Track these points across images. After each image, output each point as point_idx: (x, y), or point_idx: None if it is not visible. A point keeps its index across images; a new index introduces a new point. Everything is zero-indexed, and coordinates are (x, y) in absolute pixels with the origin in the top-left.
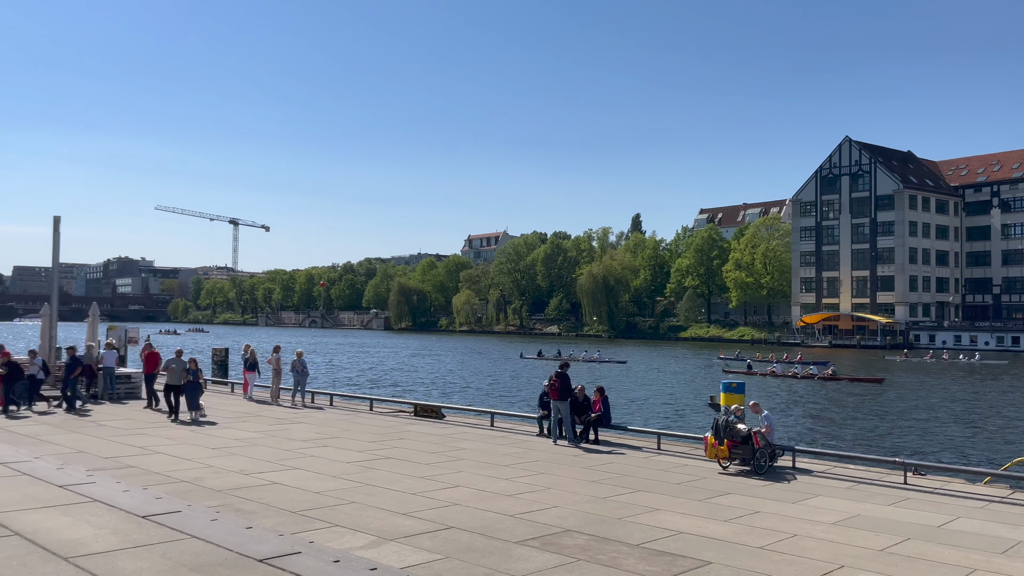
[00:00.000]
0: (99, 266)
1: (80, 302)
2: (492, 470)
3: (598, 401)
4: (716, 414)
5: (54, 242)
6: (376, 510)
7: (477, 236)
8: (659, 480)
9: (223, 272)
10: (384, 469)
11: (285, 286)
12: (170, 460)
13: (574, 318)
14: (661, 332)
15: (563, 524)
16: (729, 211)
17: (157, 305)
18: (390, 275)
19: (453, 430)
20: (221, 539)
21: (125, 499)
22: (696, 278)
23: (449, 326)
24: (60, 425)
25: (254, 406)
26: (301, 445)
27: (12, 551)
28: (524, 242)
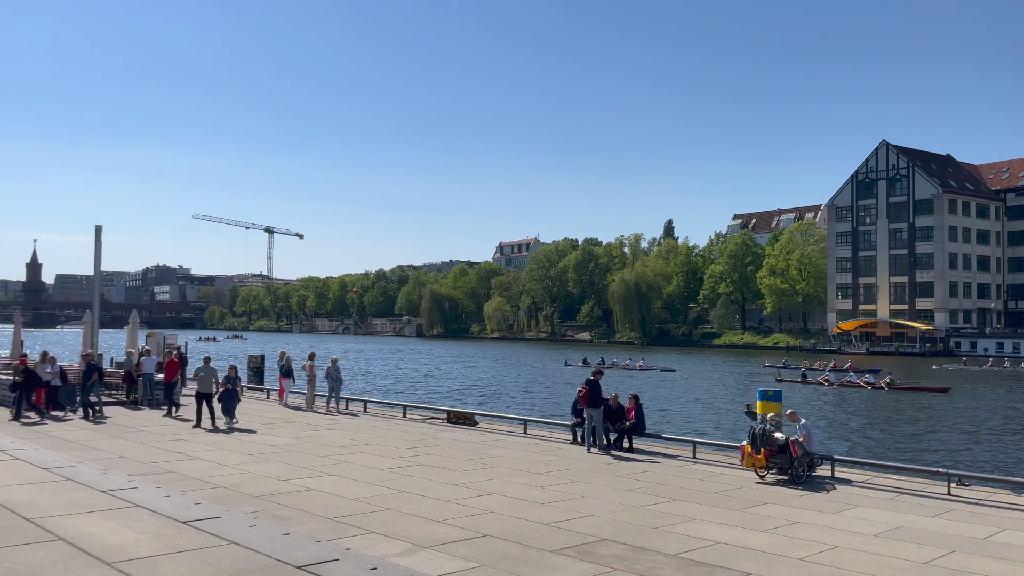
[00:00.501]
0: (138, 274)
1: (120, 309)
2: (526, 478)
3: (632, 409)
4: (752, 422)
5: (96, 251)
6: (411, 517)
7: (508, 243)
8: (695, 489)
9: (258, 280)
10: (418, 476)
11: (319, 293)
12: (208, 466)
13: (606, 325)
14: (694, 339)
15: (599, 533)
16: (763, 216)
17: (194, 312)
18: (422, 282)
19: (486, 437)
20: (260, 545)
21: (165, 504)
22: (730, 284)
23: (481, 333)
24: (102, 431)
25: (290, 412)
26: (336, 451)
27: (57, 556)
28: (555, 249)
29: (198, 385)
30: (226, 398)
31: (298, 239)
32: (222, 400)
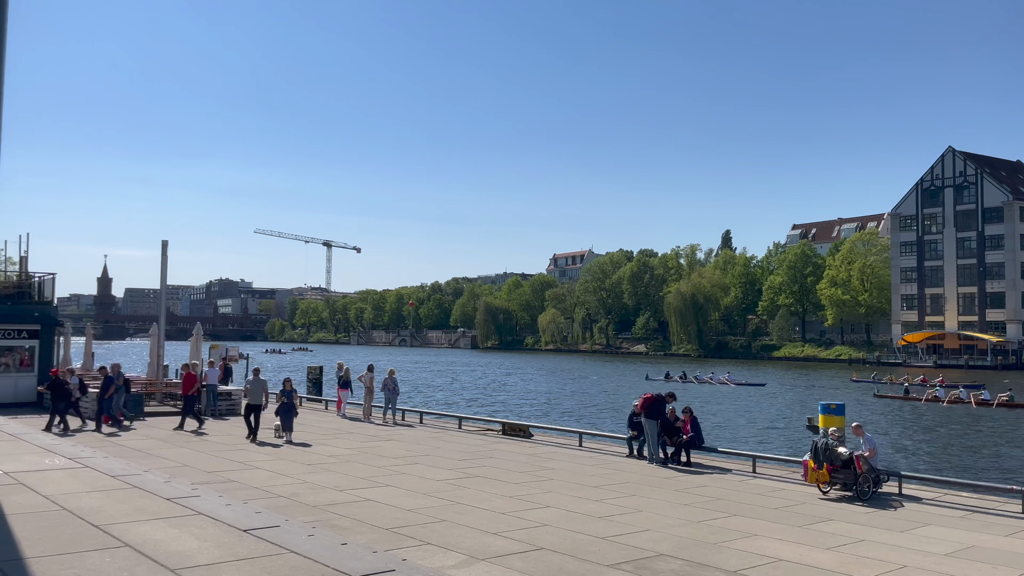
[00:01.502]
0: (202, 287)
1: (184, 322)
2: (582, 491)
3: (687, 422)
4: (815, 436)
5: (162, 265)
6: (467, 529)
7: (562, 255)
8: (755, 504)
9: (317, 292)
10: (474, 488)
11: (376, 306)
12: (268, 475)
13: (662, 337)
14: (753, 351)
15: (656, 548)
16: (823, 226)
17: (255, 325)
18: (476, 294)
19: (541, 449)
20: (318, 555)
21: (227, 513)
22: (789, 296)
23: (535, 345)
24: (167, 440)
25: (347, 423)
26: (393, 462)
27: (123, 562)
28: (610, 260)
29: (248, 398)
30: (283, 412)
31: (356, 252)
32: (279, 414)
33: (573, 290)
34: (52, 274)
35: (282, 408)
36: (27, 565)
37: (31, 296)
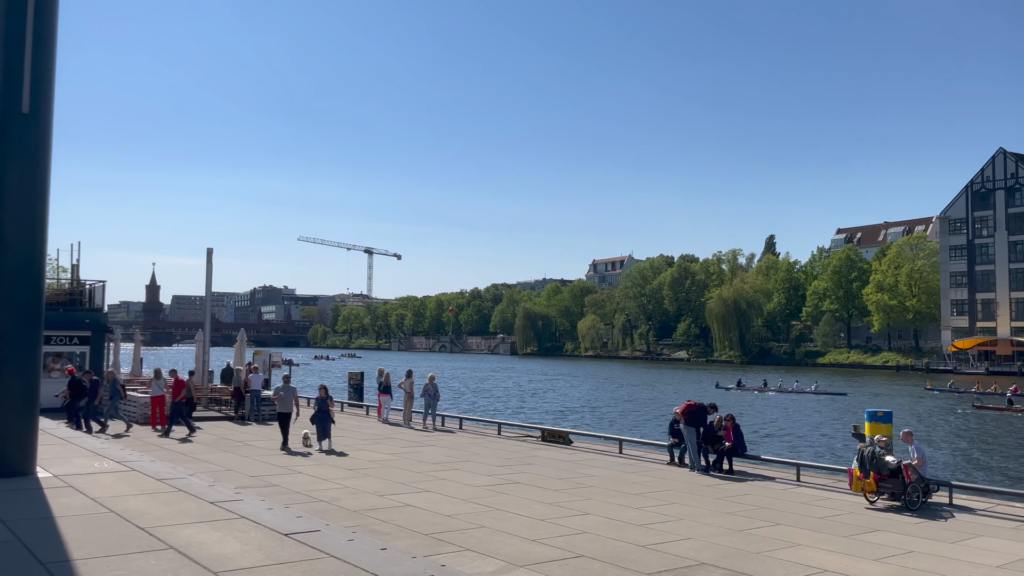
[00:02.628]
0: (246, 294)
1: (229, 328)
2: (622, 498)
3: (729, 429)
4: (861, 444)
5: (207, 273)
6: (506, 535)
7: (602, 260)
8: (800, 513)
9: (358, 299)
10: (513, 494)
11: (416, 312)
12: (309, 480)
13: (703, 343)
14: (797, 358)
15: (698, 557)
16: (869, 230)
17: (298, 331)
18: (516, 300)
19: (581, 456)
20: (357, 560)
21: (269, 517)
22: (834, 301)
23: (575, 351)
24: (212, 444)
25: (388, 428)
26: (432, 468)
27: (167, 564)
28: (650, 266)
29: (278, 405)
30: (318, 420)
31: (396, 259)
32: (315, 422)
33: (613, 296)
34: (102, 281)
35: (317, 416)
36: (74, 566)
37: (82, 303)
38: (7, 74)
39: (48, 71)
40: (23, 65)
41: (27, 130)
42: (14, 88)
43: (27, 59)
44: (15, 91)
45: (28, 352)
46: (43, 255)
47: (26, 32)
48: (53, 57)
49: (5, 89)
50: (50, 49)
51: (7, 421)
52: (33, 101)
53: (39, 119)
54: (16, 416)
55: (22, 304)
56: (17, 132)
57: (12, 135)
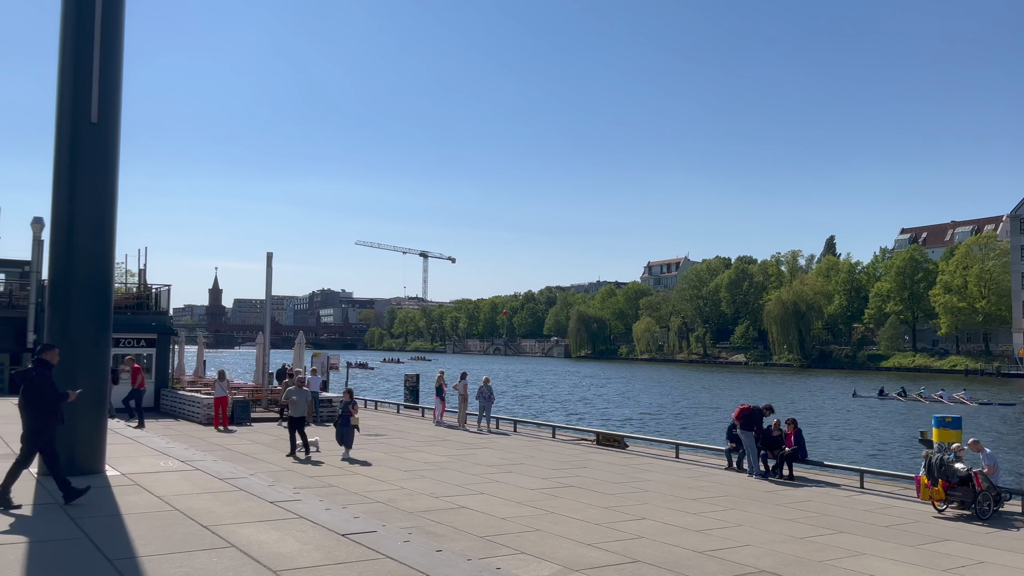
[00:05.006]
0: (305, 298)
1: (289, 331)
2: (678, 503)
3: (791, 434)
4: (929, 451)
5: (267, 277)
6: (561, 539)
7: (657, 263)
8: (864, 521)
9: (414, 302)
10: (567, 497)
11: (470, 315)
12: (367, 481)
13: (762, 346)
14: (859, 361)
15: (757, 564)
16: (935, 230)
17: (355, 334)
18: (570, 303)
19: (636, 460)
20: (413, 561)
21: (327, 517)
22: (899, 303)
23: (629, 354)
24: (271, 445)
25: (443, 430)
26: (487, 470)
27: (229, 561)
28: (707, 267)
29: (290, 409)
30: (340, 426)
31: (451, 263)
32: (337, 428)
33: (669, 298)
34: (168, 286)
35: (340, 422)
36: (140, 563)
37: (149, 307)
38: (76, 86)
39: (115, 82)
40: (92, 77)
41: (96, 139)
42: (83, 99)
43: (95, 71)
44: (84, 102)
45: (98, 354)
46: (112, 261)
47: (94, 46)
48: (120, 69)
49: (75, 100)
50: (117, 61)
51: (78, 422)
52: (102, 111)
53: (108, 128)
54: (87, 417)
55: (92, 308)
56: (87, 141)
57: (82, 144)
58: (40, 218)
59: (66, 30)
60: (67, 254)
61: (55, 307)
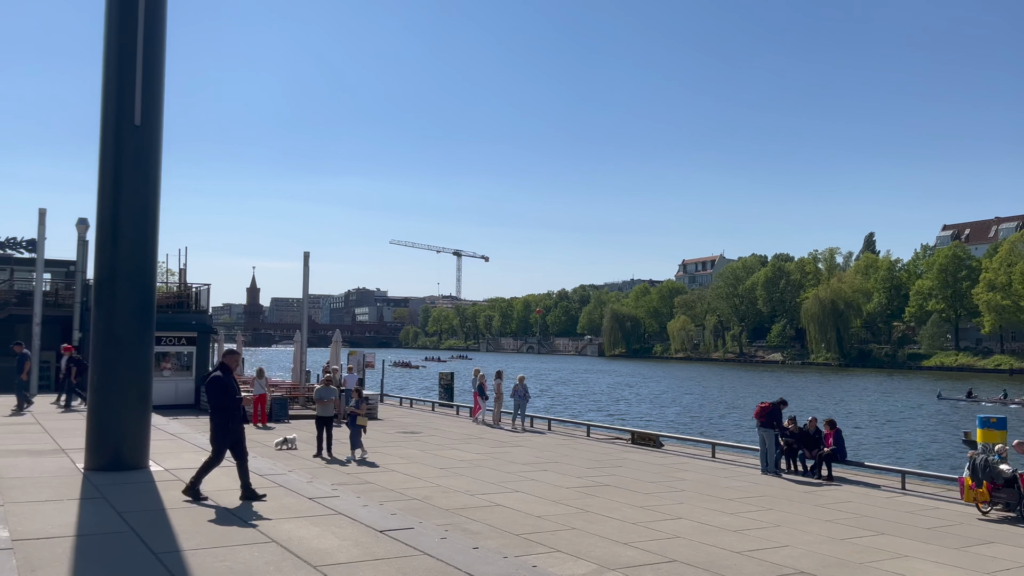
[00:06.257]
0: (341, 297)
1: (325, 329)
2: (715, 503)
3: (830, 435)
4: (975, 452)
5: (304, 276)
6: (596, 538)
7: (692, 260)
8: (905, 523)
9: (448, 301)
10: (603, 496)
11: (504, 313)
12: (403, 478)
13: (799, 345)
14: (899, 360)
15: (796, 565)
16: (978, 226)
17: (390, 332)
18: (603, 301)
19: (672, 459)
20: (450, 558)
21: (364, 513)
22: (941, 301)
23: (664, 353)
24: (308, 442)
25: (478, 428)
26: (522, 468)
27: (270, 556)
28: (743, 265)
29: (318, 409)
30: (349, 425)
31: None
32: (350, 428)
33: (704, 296)
34: (207, 285)
35: (348, 421)
36: (184, 557)
37: (189, 305)
38: (120, 90)
39: (158, 86)
40: (135, 81)
41: (139, 141)
42: (127, 102)
43: (138, 75)
44: (128, 105)
45: (142, 352)
46: (155, 261)
47: (137, 51)
48: (162, 72)
49: (119, 104)
50: (159, 65)
51: (123, 418)
52: (144, 114)
53: (150, 131)
54: (131, 413)
55: (136, 306)
56: (130, 143)
57: (126, 146)
58: (85, 219)
59: (110, 35)
60: (112, 254)
61: (100, 306)
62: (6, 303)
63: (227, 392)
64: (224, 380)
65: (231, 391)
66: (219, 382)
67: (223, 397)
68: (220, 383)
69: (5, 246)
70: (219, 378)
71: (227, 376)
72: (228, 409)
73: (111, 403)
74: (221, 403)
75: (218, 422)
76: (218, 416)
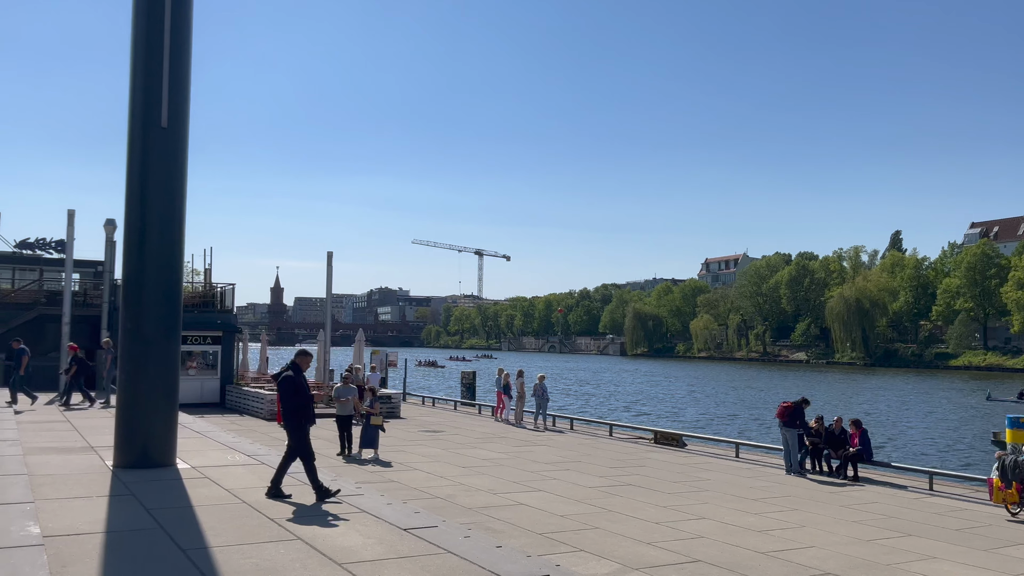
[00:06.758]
0: (363, 296)
1: (348, 329)
2: (739, 503)
3: (855, 435)
4: (1003, 453)
5: (327, 275)
6: (620, 537)
7: (714, 259)
8: (933, 524)
9: (469, 300)
10: (626, 496)
11: (525, 312)
12: (426, 477)
13: (823, 344)
14: (926, 360)
15: (822, 567)
16: (1007, 223)
17: (412, 331)
18: (625, 300)
19: (695, 459)
20: (474, 556)
21: (388, 512)
22: (968, 300)
23: (687, 352)
24: (333, 440)
25: (500, 427)
26: (544, 467)
27: (296, 554)
28: (766, 264)
29: (337, 408)
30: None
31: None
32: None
33: (727, 295)
34: (232, 284)
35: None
36: (211, 553)
37: (214, 305)
38: (147, 93)
39: (184, 88)
40: (162, 84)
41: (166, 143)
42: (154, 105)
43: (165, 78)
44: (155, 107)
45: (169, 351)
46: (181, 261)
47: (163, 55)
48: (188, 75)
49: (146, 106)
50: (185, 68)
51: (151, 416)
52: (171, 117)
53: (176, 133)
54: (159, 411)
55: (163, 306)
56: (157, 145)
57: (153, 148)
58: (112, 220)
59: (137, 40)
60: (139, 255)
61: (128, 306)
62: (36, 303)
63: (300, 392)
64: (297, 380)
65: (304, 391)
66: (293, 382)
67: (297, 396)
68: (294, 383)
69: (35, 247)
70: (292, 378)
71: (299, 376)
72: (303, 408)
73: (139, 402)
74: (295, 403)
75: (296, 422)
76: (294, 416)
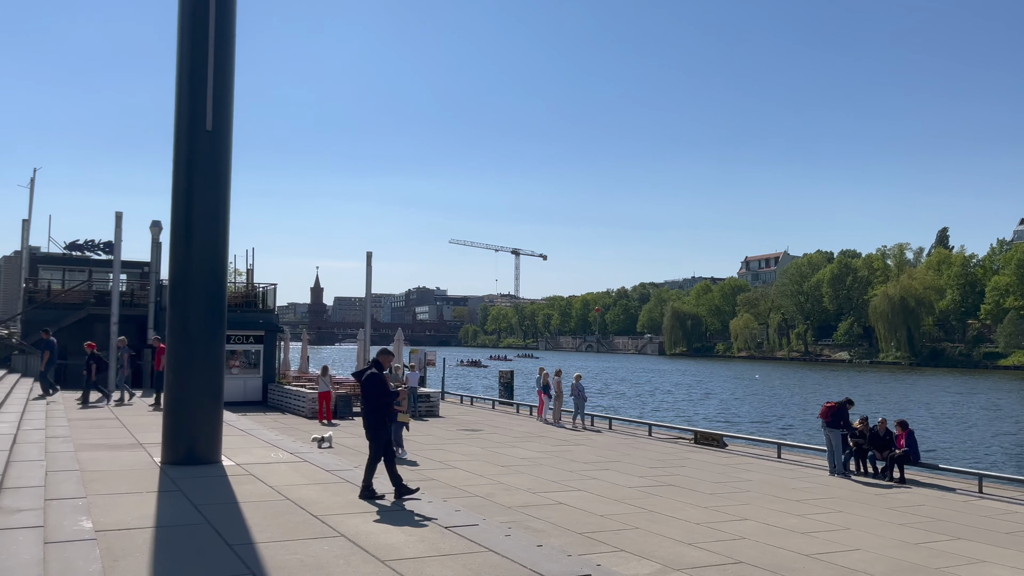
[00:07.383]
0: (402, 296)
1: (386, 328)
2: (781, 504)
3: (901, 436)
4: None
5: (367, 275)
6: (660, 538)
7: (755, 258)
8: (983, 528)
9: (506, 299)
10: (666, 496)
11: (562, 312)
12: (465, 475)
13: (867, 343)
14: (974, 359)
15: (868, 570)
16: None
17: (450, 331)
18: (664, 299)
19: (736, 460)
20: (515, 555)
21: (429, 509)
22: (1019, 298)
23: (726, 352)
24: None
25: (539, 426)
26: (583, 467)
27: (339, 551)
28: (808, 262)
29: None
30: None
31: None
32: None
33: (768, 294)
34: (274, 284)
35: None
36: (257, 549)
37: (256, 305)
38: (192, 96)
39: (228, 92)
40: (206, 88)
41: (211, 146)
42: (199, 109)
43: (209, 82)
44: (200, 111)
45: (214, 350)
46: (226, 262)
47: (208, 59)
48: (232, 79)
49: (191, 110)
50: (229, 73)
51: (197, 414)
52: (216, 120)
53: (221, 135)
54: (205, 409)
55: (208, 306)
56: (202, 148)
57: (198, 151)
58: (158, 221)
59: (182, 45)
60: (185, 256)
61: (175, 306)
62: (85, 303)
63: (384, 389)
64: (381, 377)
65: (386, 388)
66: (377, 379)
67: (382, 395)
68: (378, 380)
69: (84, 248)
70: (376, 375)
71: (378, 374)
72: (386, 406)
73: (186, 400)
74: (379, 400)
75: (377, 419)
76: (376, 413)
